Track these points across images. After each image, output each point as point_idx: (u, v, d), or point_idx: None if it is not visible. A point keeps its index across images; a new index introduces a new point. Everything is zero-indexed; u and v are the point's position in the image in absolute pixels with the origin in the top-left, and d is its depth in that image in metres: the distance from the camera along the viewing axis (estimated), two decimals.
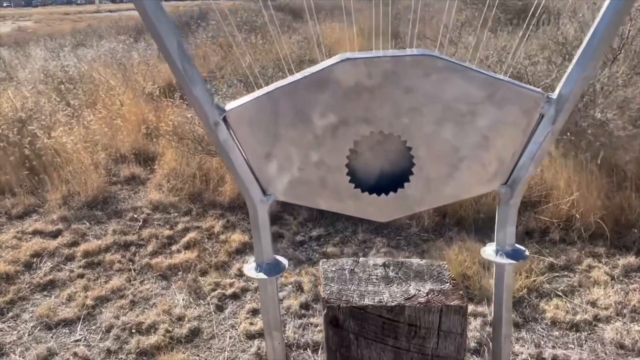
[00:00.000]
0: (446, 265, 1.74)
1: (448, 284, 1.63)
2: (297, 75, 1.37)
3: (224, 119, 1.39)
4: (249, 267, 1.55)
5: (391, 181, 1.50)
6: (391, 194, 1.47)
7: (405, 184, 1.46)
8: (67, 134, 5.19)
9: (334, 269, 1.72)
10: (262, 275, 1.49)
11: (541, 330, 3.46)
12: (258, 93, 1.40)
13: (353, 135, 1.40)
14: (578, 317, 3.53)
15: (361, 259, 1.78)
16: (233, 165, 1.43)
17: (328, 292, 1.58)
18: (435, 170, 1.44)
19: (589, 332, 3.40)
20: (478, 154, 1.42)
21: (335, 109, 1.37)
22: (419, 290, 1.57)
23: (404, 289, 1.58)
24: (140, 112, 5.86)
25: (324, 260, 1.76)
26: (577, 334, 3.38)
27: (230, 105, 1.42)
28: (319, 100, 1.36)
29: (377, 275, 1.67)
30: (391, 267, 1.71)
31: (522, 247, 1.55)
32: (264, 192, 1.49)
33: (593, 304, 3.65)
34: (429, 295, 1.56)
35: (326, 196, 1.48)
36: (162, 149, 5.56)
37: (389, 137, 1.42)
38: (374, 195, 1.48)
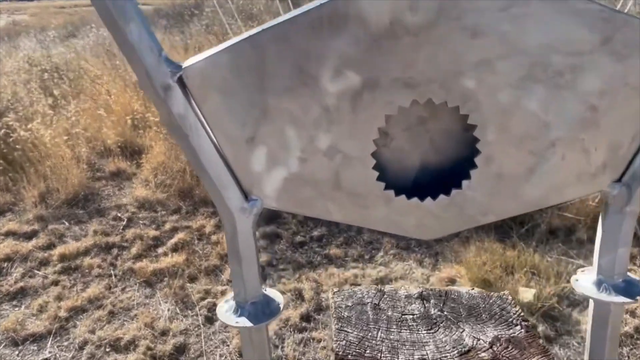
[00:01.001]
0: (509, 298, 1.18)
1: (518, 326, 1.08)
2: (296, 12, 0.82)
3: (180, 81, 0.84)
4: (225, 308, 1.00)
5: (441, 179, 0.96)
6: (441, 197, 0.93)
7: (464, 183, 0.92)
8: (46, 126, 4.63)
9: (350, 303, 1.17)
10: (244, 322, 0.95)
11: (576, 345, 2.97)
12: (234, 40, 0.84)
13: (384, 107, 0.86)
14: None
15: (387, 287, 1.22)
16: (196, 157, 0.89)
17: (343, 342, 1.03)
18: (512, 161, 0.90)
19: (631, 346, 2.90)
20: (579, 134, 0.88)
21: (357, 64, 0.83)
22: (478, 340, 1.03)
23: (455, 337, 1.04)
24: (127, 103, 5.30)
25: (336, 290, 1.20)
26: (618, 348, 2.86)
27: (190, 61, 0.87)
28: (332, 49, 0.82)
29: (412, 314, 1.12)
30: (432, 301, 1.17)
31: (637, 278, 1.00)
32: (246, 196, 0.94)
33: (632, 313, 3.15)
34: (494, 348, 1.01)
35: (341, 201, 0.94)
36: (150, 142, 5.01)
37: (440, 109, 0.88)
38: (415, 200, 0.94)
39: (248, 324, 0.96)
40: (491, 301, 1.17)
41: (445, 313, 1.13)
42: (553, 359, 0.99)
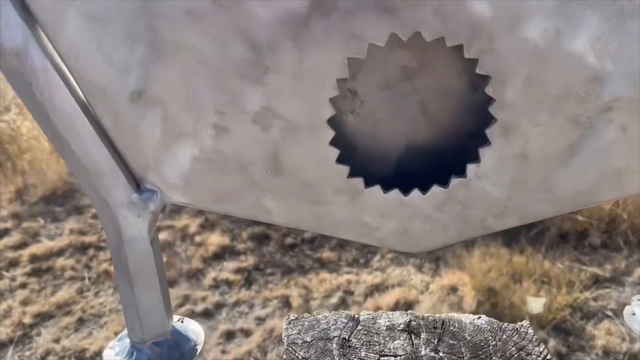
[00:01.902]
0: (530, 332, 0.83)
1: None
2: None
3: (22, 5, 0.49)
4: (116, 351, 0.66)
5: (436, 164, 0.61)
6: (435, 190, 0.58)
7: (470, 169, 0.57)
8: (23, 117, 4.31)
9: (309, 337, 0.82)
10: None
11: None
12: None
13: (346, 45, 0.51)
14: (638, 346, 2.66)
15: (363, 314, 0.87)
16: (49, 122, 0.54)
17: None
18: (543, 134, 0.55)
19: None
20: None
21: None
22: None
23: None
24: None
25: (292, 318, 0.86)
26: None
27: None
28: None
29: (395, 354, 0.77)
30: (423, 335, 0.81)
31: None
32: (138, 185, 0.59)
33: None
34: None
35: (283, 194, 0.60)
36: None
37: (434, 51, 0.52)
38: (395, 193, 0.59)
39: None
40: (505, 336, 0.82)
41: (440, 354, 0.77)
42: None
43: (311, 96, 0.59)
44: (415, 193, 0.65)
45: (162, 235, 3.66)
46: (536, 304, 2.96)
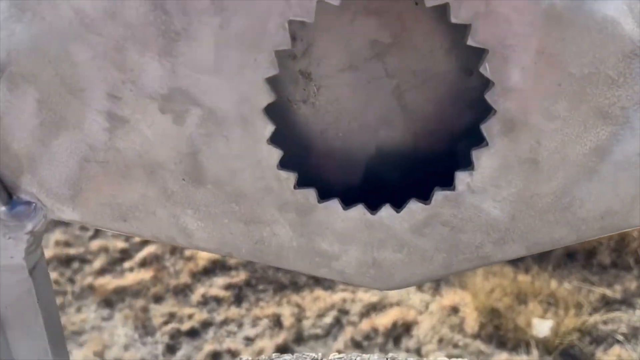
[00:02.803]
0: None
1: None
2: None
3: None
4: None
5: (415, 174, 0.43)
6: (413, 207, 0.39)
7: (460, 178, 0.38)
8: None
9: None
10: None
11: None
12: None
13: (282, 4, 0.33)
14: None
15: (333, 358, 0.68)
16: None
17: None
18: (561, 131, 0.36)
19: None
20: None
21: None
22: None
23: None
24: None
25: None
26: None
27: None
28: None
29: None
30: None
31: None
32: (10, 195, 0.41)
33: None
34: None
35: (208, 211, 0.41)
36: None
37: (413, 17, 0.35)
38: (358, 210, 0.40)
39: None
40: None
41: None
42: None
43: (240, 75, 0.43)
44: (387, 210, 0.48)
45: (151, 249, 3.49)
46: (542, 327, 2.77)
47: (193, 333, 2.79)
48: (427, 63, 0.49)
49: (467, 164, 0.47)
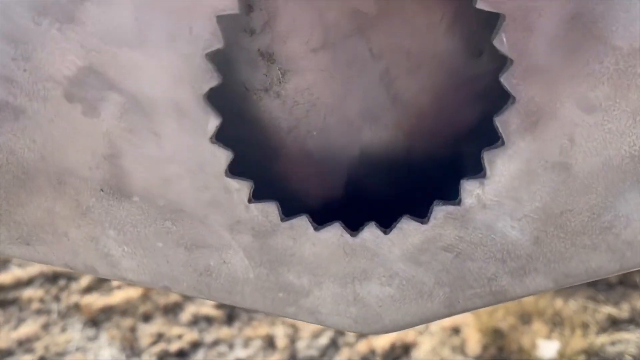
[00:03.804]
0: None
1: None
2: None
3: None
4: None
5: (407, 181, 0.30)
6: (406, 226, 0.28)
7: (469, 189, 0.25)
8: None
9: None
10: None
11: None
12: None
13: None
14: None
15: None
16: None
17: None
18: (602, 127, 0.24)
19: None
20: None
21: None
22: None
23: None
24: None
25: None
26: None
27: None
28: None
29: None
30: None
31: None
32: None
33: None
34: None
35: (135, 232, 0.28)
36: None
37: None
38: (335, 231, 0.28)
39: None
40: None
41: None
42: None
43: (171, 49, 0.32)
44: (373, 231, 0.36)
45: None
46: (548, 349, 2.63)
47: (182, 354, 2.65)
48: (423, 40, 0.38)
49: (476, 170, 0.35)
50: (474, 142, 0.39)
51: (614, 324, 2.82)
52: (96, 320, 2.94)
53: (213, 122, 0.33)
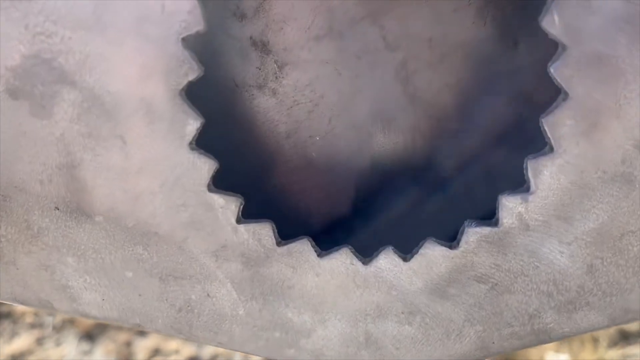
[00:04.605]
0: None
1: None
2: None
3: None
4: None
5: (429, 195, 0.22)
6: (430, 251, 0.20)
7: (508, 206, 0.19)
8: None
9: None
10: None
11: None
12: None
13: None
14: None
15: None
16: None
17: None
18: None
19: None
20: None
21: None
22: None
23: None
24: None
25: None
26: None
27: None
28: None
29: None
30: None
31: None
32: None
33: None
34: None
35: (99, 260, 0.21)
36: None
37: None
38: (342, 259, 0.21)
39: None
40: None
41: None
42: None
43: (138, 32, 0.25)
44: (389, 258, 0.29)
45: None
46: None
47: None
48: (448, 28, 0.32)
49: (516, 184, 0.29)
50: (508, 149, 0.33)
51: (625, 338, 2.73)
52: (91, 334, 2.85)
53: (192, 125, 0.27)
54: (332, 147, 0.35)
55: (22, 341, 2.25)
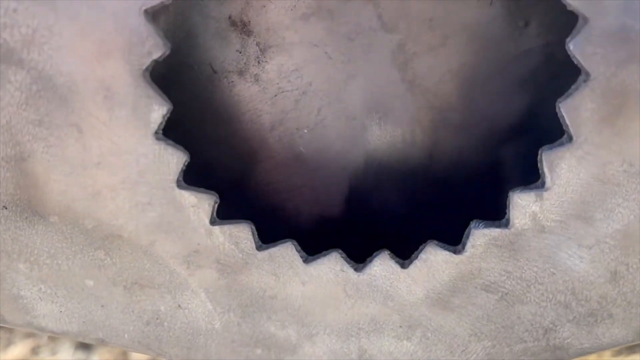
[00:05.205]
0: None
1: None
2: None
3: None
4: None
5: (431, 196, 0.19)
6: (431, 256, 0.17)
7: (519, 204, 0.16)
8: None
9: None
10: None
11: None
12: None
13: None
14: None
15: None
16: None
17: None
18: None
19: None
20: None
21: None
22: None
23: None
24: None
25: None
26: None
27: None
28: None
29: None
30: None
31: None
32: None
33: None
34: None
35: (54, 265, 0.17)
36: None
37: None
38: (332, 264, 0.17)
39: None
40: None
41: None
42: None
43: (91, 1, 0.22)
44: (384, 264, 0.26)
45: None
46: None
47: None
48: (450, 6, 0.28)
49: (529, 179, 0.25)
50: (518, 141, 0.29)
51: (629, 347, 2.70)
52: (87, 343, 2.82)
53: (158, 111, 0.23)
54: (322, 140, 0.31)
55: (17, 350, 2.20)
